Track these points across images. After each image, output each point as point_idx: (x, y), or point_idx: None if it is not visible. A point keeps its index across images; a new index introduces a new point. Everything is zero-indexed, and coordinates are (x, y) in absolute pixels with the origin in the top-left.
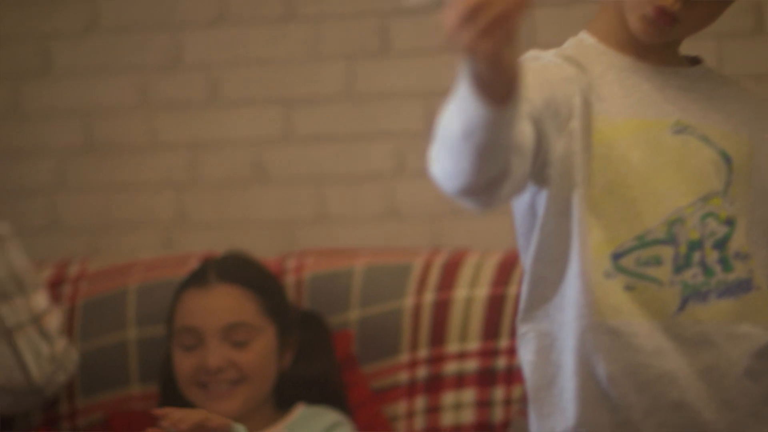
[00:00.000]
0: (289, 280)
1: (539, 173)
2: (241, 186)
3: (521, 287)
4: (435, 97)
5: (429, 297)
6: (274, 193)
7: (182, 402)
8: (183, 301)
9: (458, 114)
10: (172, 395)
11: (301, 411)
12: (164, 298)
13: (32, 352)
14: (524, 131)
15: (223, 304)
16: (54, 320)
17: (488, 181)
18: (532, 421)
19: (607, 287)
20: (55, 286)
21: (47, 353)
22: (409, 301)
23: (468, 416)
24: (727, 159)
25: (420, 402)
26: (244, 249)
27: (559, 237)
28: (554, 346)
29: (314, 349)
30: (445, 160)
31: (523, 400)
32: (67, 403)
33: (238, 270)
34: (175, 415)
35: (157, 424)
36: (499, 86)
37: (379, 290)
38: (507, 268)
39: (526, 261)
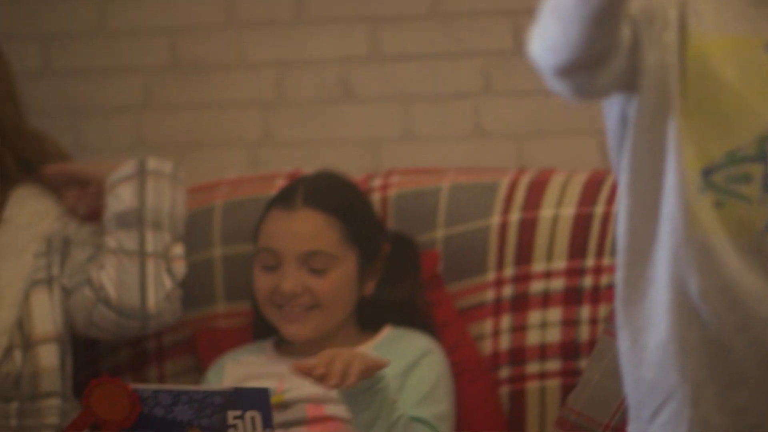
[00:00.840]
0: (375, 198)
1: (630, 80)
2: (328, 105)
3: (615, 203)
4: (522, 16)
5: (515, 216)
6: (360, 112)
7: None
8: (268, 221)
9: None
10: (261, 314)
11: (388, 333)
12: (250, 216)
13: (156, 280)
14: (623, 29)
15: (304, 231)
16: (182, 269)
17: (592, 56)
18: (622, 336)
19: (698, 203)
20: None
21: (168, 288)
22: (495, 220)
23: (554, 335)
24: None
25: (505, 321)
26: (334, 168)
27: (652, 150)
28: (647, 260)
29: (401, 273)
30: (554, 30)
31: (609, 319)
32: None
33: (326, 194)
34: (334, 369)
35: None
36: None
37: (465, 209)
38: (594, 187)
39: (620, 175)
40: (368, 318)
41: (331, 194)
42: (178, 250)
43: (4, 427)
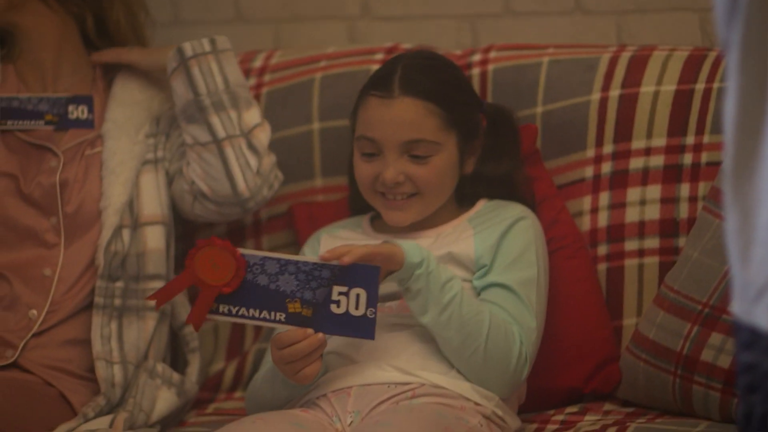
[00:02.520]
0: (474, 74)
1: None
2: None
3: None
4: None
5: (615, 92)
6: None
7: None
8: (365, 108)
9: None
10: (358, 190)
11: (482, 205)
12: (349, 90)
13: (240, 163)
14: None
15: (404, 120)
16: (264, 136)
17: None
18: (731, 215)
19: None
20: None
21: (255, 166)
22: (595, 96)
23: (653, 212)
24: None
25: (604, 198)
26: (429, 44)
27: (765, 24)
28: (758, 137)
29: (501, 147)
30: None
31: (710, 197)
32: None
33: (424, 80)
34: (337, 250)
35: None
36: None
37: (565, 85)
38: (695, 64)
39: (730, 51)
40: (467, 193)
41: (429, 79)
42: (252, 117)
43: (108, 306)
